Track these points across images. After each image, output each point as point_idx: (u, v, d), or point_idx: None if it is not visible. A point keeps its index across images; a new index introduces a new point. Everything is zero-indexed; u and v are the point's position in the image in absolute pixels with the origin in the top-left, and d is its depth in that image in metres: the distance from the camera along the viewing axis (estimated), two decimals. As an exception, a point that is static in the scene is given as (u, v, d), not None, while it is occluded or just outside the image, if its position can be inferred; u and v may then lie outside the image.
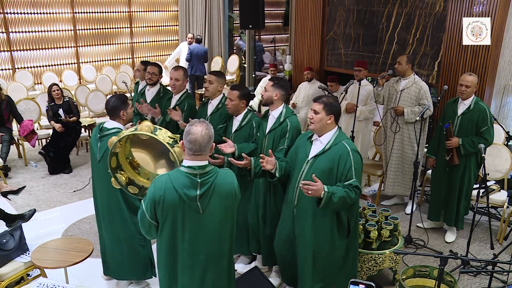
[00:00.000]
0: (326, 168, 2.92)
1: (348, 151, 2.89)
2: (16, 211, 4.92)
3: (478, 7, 5.30)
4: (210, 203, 2.33)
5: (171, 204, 2.30)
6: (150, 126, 2.98)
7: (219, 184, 2.35)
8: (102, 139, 3.27)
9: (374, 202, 4.75)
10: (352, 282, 2.64)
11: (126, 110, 3.32)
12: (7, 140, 5.99)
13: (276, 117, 3.49)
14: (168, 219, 2.33)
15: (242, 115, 3.76)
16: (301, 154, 3.09)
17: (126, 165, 3.20)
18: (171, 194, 2.29)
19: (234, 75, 10.45)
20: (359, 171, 2.91)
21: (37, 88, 9.04)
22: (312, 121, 2.96)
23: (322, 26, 7.15)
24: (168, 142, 2.88)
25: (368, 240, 3.63)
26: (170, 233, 2.36)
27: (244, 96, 3.71)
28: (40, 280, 3.01)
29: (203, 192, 2.31)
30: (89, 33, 9.78)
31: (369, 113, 5.42)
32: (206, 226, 2.36)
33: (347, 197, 2.79)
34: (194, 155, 2.32)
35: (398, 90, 4.83)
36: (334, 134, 2.98)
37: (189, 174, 2.31)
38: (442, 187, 4.52)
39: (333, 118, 2.96)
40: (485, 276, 3.94)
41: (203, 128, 2.31)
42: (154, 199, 2.32)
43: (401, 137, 4.87)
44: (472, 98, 4.26)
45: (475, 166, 4.36)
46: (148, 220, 2.37)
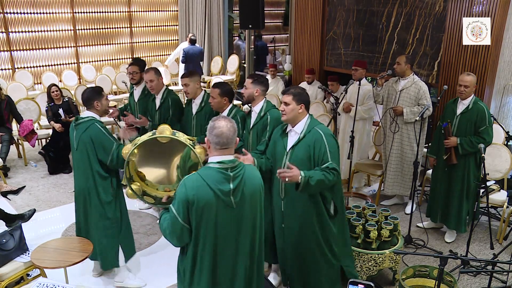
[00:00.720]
0: (304, 157, 3.01)
1: (322, 136, 2.99)
2: (16, 211, 4.91)
3: (478, 7, 5.30)
4: (242, 197, 2.33)
5: (206, 202, 2.26)
6: (170, 129, 3.03)
7: (248, 177, 2.36)
8: (77, 127, 3.47)
9: (374, 202, 4.75)
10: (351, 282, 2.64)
11: (100, 101, 3.53)
12: (7, 140, 5.99)
13: (258, 112, 3.60)
14: (203, 218, 2.28)
15: (226, 111, 3.91)
16: (279, 147, 3.17)
17: (135, 176, 3.25)
18: (205, 191, 2.26)
19: (234, 75, 10.44)
20: (334, 153, 2.99)
21: (37, 88, 9.03)
22: (284, 112, 3.05)
23: (322, 26, 7.15)
24: (190, 143, 2.93)
25: (368, 240, 3.63)
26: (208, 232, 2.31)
27: (225, 93, 3.88)
28: (40, 280, 3.00)
29: (236, 186, 2.30)
30: (89, 33, 9.78)
31: (364, 113, 5.39)
32: (240, 220, 2.35)
33: (325, 179, 2.88)
34: (222, 149, 2.32)
35: (397, 90, 4.83)
36: (306, 122, 3.07)
37: (221, 169, 2.29)
38: (441, 188, 4.52)
39: (304, 107, 3.06)
40: (485, 276, 3.94)
41: (227, 122, 2.33)
42: (187, 199, 2.25)
43: (400, 137, 4.87)
44: (471, 98, 4.27)
45: (474, 167, 4.34)
46: (180, 223, 2.28)
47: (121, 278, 3.77)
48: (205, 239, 2.32)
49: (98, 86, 3.71)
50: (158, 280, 3.86)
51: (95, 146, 3.39)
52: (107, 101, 3.58)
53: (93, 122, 3.43)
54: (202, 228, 2.30)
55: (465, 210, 4.40)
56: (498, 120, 5.50)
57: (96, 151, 3.40)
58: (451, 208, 4.45)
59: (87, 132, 3.40)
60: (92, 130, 3.39)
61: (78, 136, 3.43)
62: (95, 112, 3.52)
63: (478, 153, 4.25)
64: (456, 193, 4.40)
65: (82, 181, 3.51)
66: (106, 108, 3.59)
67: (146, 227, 4.74)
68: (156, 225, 4.78)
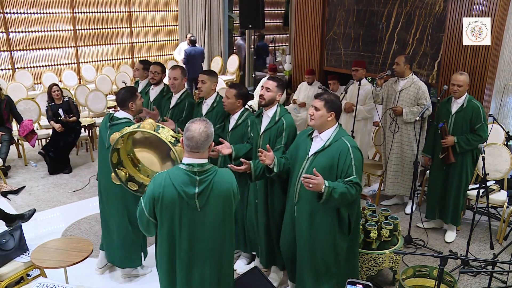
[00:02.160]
0: (326, 165, 2.91)
1: (348, 148, 2.88)
2: (16, 211, 4.91)
3: (478, 7, 5.30)
4: (208, 202, 2.34)
5: (170, 201, 2.32)
6: (153, 124, 3.01)
7: (217, 182, 2.36)
8: (112, 127, 3.45)
9: (374, 202, 4.75)
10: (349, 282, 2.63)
11: (135, 102, 3.53)
12: (7, 140, 5.99)
13: (271, 117, 3.48)
14: (166, 216, 2.35)
15: (238, 114, 3.79)
16: (302, 151, 3.08)
17: (127, 161, 3.26)
18: (170, 191, 2.31)
19: (234, 75, 10.45)
20: (359, 168, 2.90)
21: (37, 88, 9.03)
22: (313, 117, 2.96)
23: (322, 26, 7.15)
24: (170, 140, 2.90)
25: (368, 240, 3.63)
26: (168, 231, 2.38)
27: (241, 95, 3.74)
28: (40, 280, 3.01)
29: (202, 190, 2.32)
30: (89, 33, 9.78)
31: (367, 113, 5.42)
32: (204, 224, 2.37)
33: (347, 193, 2.78)
34: (191, 152, 2.34)
35: (397, 90, 4.83)
36: (334, 131, 2.98)
37: (188, 172, 2.32)
38: (438, 186, 4.55)
39: (334, 115, 2.96)
40: (485, 276, 3.94)
41: (202, 126, 2.33)
42: (153, 196, 2.34)
43: (400, 137, 4.87)
44: (465, 96, 4.31)
45: (471, 163, 4.40)
46: (146, 217, 2.39)
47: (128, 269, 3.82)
48: (167, 236, 2.39)
49: (132, 87, 3.74)
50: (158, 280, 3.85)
51: None
52: (140, 101, 3.59)
53: (128, 124, 3.37)
54: (164, 225, 2.37)
55: (461, 205, 4.47)
56: (498, 120, 5.50)
57: None
58: (448, 204, 4.49)
59: None
60: None
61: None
62: (130, 112, 3.53)
63: (475, 150, 4.31)
64: (453, 189, 4.45)
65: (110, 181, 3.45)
66: (140, 108, 3.61)
67: (146, 227, 4.74)
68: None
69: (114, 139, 3.08)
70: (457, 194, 4.45)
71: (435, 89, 6.93)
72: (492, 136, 5.08)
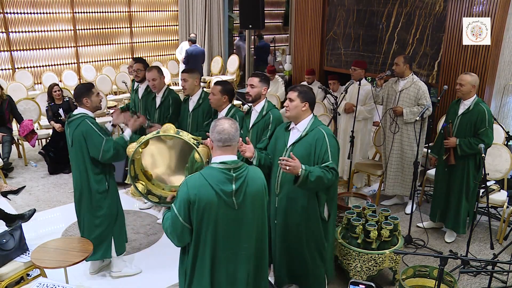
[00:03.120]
0: (305, 154, 3.02)
1: (324, 135, 3.00)
2: (16, 211, 4.91)
3: (478, 7, 5.30)
4: (245, 199, 2.31)
5: (208, 202, 2.24)
6: (173, 128, 3.05)
7: (251, 179, 2.34)
8: (70, 124, 3.51)
9: (374, 202, 4.75)
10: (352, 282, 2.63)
11: (90, 98, 3.52)
12: (8, 140, 6.01)
13: (259, 111, 3.59)
14: (204, 218, 2.26)
15: (225, 110, 3.88)
16: (280, 143, 3.19)
17: (141, 175, 3.31)
18: (206, 191, 2.24)
19: (234, 75, 10.45)
20: (335, 154, 3.00)
21: (37, 88, 9.03)
22: (288, 108, 3.08)
23: (322, 26, 7.15)
24: (193, 142, 2.95)
25: (368, 240, 3.63)
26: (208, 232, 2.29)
27: (226, 91, 3.84)
28: (40, 280, 3.00)
29: (238, 187, 2.29)
30: (89, 33, 9.78)
31: (368, 113, 5.42)
32: (241, 222, 2.33)
33: (324, 177, 2.88)
34: (224, 147, 2.30)
35: (397, 90, 4.83)
36: (310, 121, 3.10)
37: (223, 170, 2.28)
38: (442, 188, 4.52)
39: (308, 105, 3.07)
40: (485, 276, 3.94)
41: (230, 121, 2.34)
42: (188, 199, 2.24)
43: (400, 137, 4.87)
44: (473, 98, 4.24)
45: (473, 168, 4.32)
46: (181, 223, 2.27)
47: (118, 268, 3.84)
48: (206, 239, 2.30)
49: (89, 83, 3.74)
50: (158, 280, 3.86)
51: (87, 142, 3.44)
52: (97, 98, 3.57)
53: (83, 119, 3.46)
54: (203, 228, 2.28)
55: (464, 211, 4.39)
56: (498, 120, 5.50)
57: (87, 147, 3.45)
58: (450, 208, 4.46)
59: (78, 128, 3.44)
60: (82, 126, 3.43)
61: (71, 133, 3.49)
62: (86, 108, 3.54)
63: (478, 155, 4.24)
64: (455, 194, 4.40)
65: (78, 177, 3.57)
66: (97, 104, 3.59)
67: (146, 227, 4.74)
68: (156, 225, 4.78)
69: (131, 149, 3.13)
70: (458, 200, 4.39)
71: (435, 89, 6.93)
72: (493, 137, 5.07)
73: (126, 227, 3.90)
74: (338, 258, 3.79)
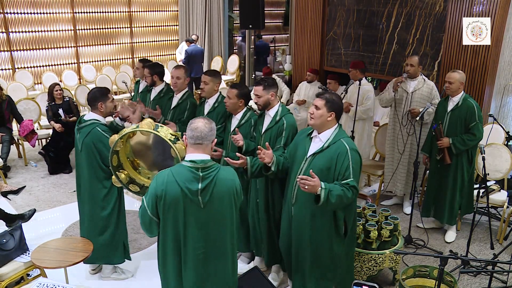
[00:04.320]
0: (324, 167, 2.88)
1: (347, 150, 2.84)
2: (16, 211, 4.91)
3: (478, 7, 5.30)
4: (211, 198, 2.34)
5: (173, 198, 2.31)
6: (151, 123, 3.01)
7: (220, 179, 2.35)
8: (80, 130, 3.45)
9: (374, 202, 4.75)
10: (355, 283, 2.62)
11: (105, 103, 3.46)
12: (7, 141, 6.00)
13: (272, 116, 3.47)
14: (170, 214, 2.34)
15: (241, 114, 3.77)
16: (300, 151, 3.05)
17: (126, 164, 3.26)
18: (173, 188, 2.31)
19: (234, 75, 10.45)
20: (357, 170, 2.86)
21: (37, 88, 9.03)
22: (313, 116, 2.92)
23: (322, 26, 7.16)
24: (170, 138, 2.91)
25: (368, 240, 3.63)
26: (173, 229, 2.37)
27: (242, 95, 3.72)
28: (40, 280, 3.01)
29: (205, 186, 2.31)
30: (89, 33, 9.78)
31: (363, 114, 5.34)
32: (208, 221, 2.37)
33: (343, 196, 2.74)
34: (195, 145, 2.34)
35: (409, 91, 4.74)
36: (334, 131, 2.93)
37: (191, 168, 2.32)
38: (434, 185, 4.55)
39: (334, 115, 2.91)
40: (485, 276, 3.94)
41: (205, 120, 2.39)
42: (156, 194, 2.32)
43: (412, 138, 4.82)
44: (461, 95, 4.28)
45: (467, 162, 4.36)
46: (149, 216, 2.37)
47: (108, 272, 3.82)
48: (171, 235, 2.38)
49: (105, 87, 3.66)
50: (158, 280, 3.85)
51: (98, 151, 3.39)
52: (112, 103, 3.51)
53: (94, 127, 3.40)
54: (168, 223, 2.37)
55: (456, 205, 4.44)
56: (498, 120, 5.50)
57: (99, 155, 3.41)
58: (443, 203, 4.48)
59: (89, 136, 3.39)
60: (94, 135, 3.38)
61: (81, 139, 3.43)
62: (99, 113, 3.47)
63: (470, 149, 4.30)
64: (449, 189, 4.43)
65: (85, 182, 3.53)
66: (111, 110, 3.53)
67: (146, 227, 4.73)
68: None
69: (113, 141, 3.08)
70: (452, 194, 4.42)
71: (435, 89, 6.92)
72: (492, 136, 5.08)
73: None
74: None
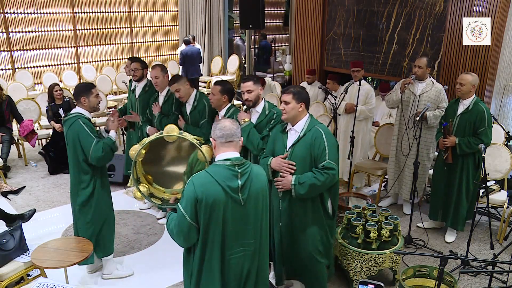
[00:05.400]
0: (305, 154, 3.03)
1: (322, 134, 3.01)
2: (16, 211, 4.91)
3: (478, 7, 5.30)
4: (250, 195, 2.34)
5: (215, 199, 2.24)
6: (177, 129, 3.10)
7: (255, 175, 2.37)
8: (65, 122, 3.50)
9: (374, 202, 4.75)
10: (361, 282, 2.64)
11: (88, 98, 3.50)
12: (7, 140, 6.00)
13: (261, 112, 3.64)
14: (213, 215, 2.26)
15: (224, 110, 3.92)
16: (279, 146, 3.18)
17: (143, 178, 3.33)
18: (214, 188, 2.25)
19: (234, 75, 10.45)
20: (333, 152, 3.01)
21: (37, 88, 9.03)
22: (285, 111, 3.06)
23: (322, 26, 7.16)
24: (197, 142, 2.99)
25: (368, 240, 3.63)
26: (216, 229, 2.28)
27: (225, 91, 3.87)
28: (40, 280, 3.00)
29: (244, 182, 2.31)
30: (89, 33, 9.78)
31: (369, 112, 5.40)
32: (247, 219, 2.35)
33: (317, 182, 2.93)
34: (227, 143, 2.34)
35: (416, 94, 4.69)
36: (307, 121, 3.09)
37: (229, 166, 2.31)
38: (441, 187, 4.53)
39: (304, 105, 3.06)
40: (485, 276, 3.94)
41: (230, 120, 2.42)
42: (195, 197, 2.24)
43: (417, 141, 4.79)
44: (472, 98, 4.24)
45: (473, 167, 4.32)
46: (188, 222, 2.26)
47: (109, 270, 3.82)
48: (214, 237, 2.30)
49: (90, 83, 3.73)
50: (159, 280, 3.86)
51: (79, 142, 3.41)
52: (96, 99, 3.54)
53: (77, 119, 3.43)
54: (212, 226, 2.28)
55: (463, 209, 4.41)
56: (498, 120, 5.50)
57: (80, 147, 3.41)
58: (450, 206, 4.47)
59: (71, 128, 3.43)
60: (75, 126, 3.42)
61: (66, 132, 3.49)
62: (83, 108, 3.51)
63: (477, 153, 4.26)
64: (454, 193, 4.41)
65: (72, 177, 3.57)
66: (95, 105, 3.56)
67: (146, 227, 4.74)
68: (157, 225, 4.78)
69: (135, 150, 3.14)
70: (458, 199, 4.40)
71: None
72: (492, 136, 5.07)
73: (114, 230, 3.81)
74: (338, 258, 3.79)
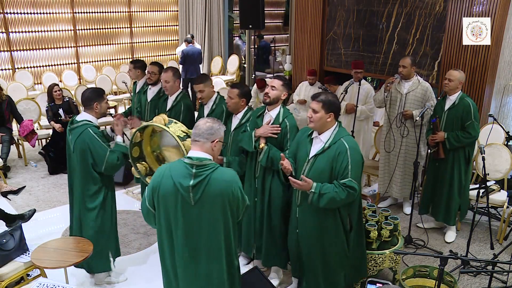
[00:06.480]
0: (326, 168, 2.91)
1: (347, 149, 2.86)
2: (16, 211, 4.92)
3: (478, 7, 5.29)
4: (203, 197, 2.33)
5: (166, 192, 2.37)
6: (164, 118, 3.09)
7: (215, 179, 2.34)
8: (72, 131, 3.41)
9: (374, 202, 4.75)
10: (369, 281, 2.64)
11: (100, 104, 3.45)
12: (7, 141, 6.01)
13: (275, 117, 3.46)
14: (162, 207, 2.39)
15: (242, 113, 3.77)
16: (302, 152, 3.07)
17: (150, 157, 3.44)
18: (167, 182, 2.37)
19: (234, 75, 10.45)
20: (356, 170, 2.87)
21: (37, 88, 9.04)
22: (312, 119, 2.93)
23: (322, 26, 7.15)
24: (179, 135, 2.99)
25: (368, 240, 3.63)
26: (164, 222, 2.42)
27: (244, 94, 3.72)
28: (40, 280, 3.00)
29: (196, 183, 2.32)
30: (89, 33, 9.79)
31: (370, 112, 5.41)
32: (199, 220, 2.37)
33: (336, 197, 2.81)
34: (194, 142, 2.41)
35: (403, 93, 4.73)
36: (334, 131, 2.95)
37: (186, 164, 2.36)
38: (431, 182, 4.57)
39: (333, 116, 2.93)
40: (485, 276, 3.94)
41: (209, 119, 2.44)
42: (153, 185, 2.41)
43: (406, 140, 4.82)
44: (458, 93, 4.31)
45: (464, 162, 4.37)
46: (146, 206, 2.46)
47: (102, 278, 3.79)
48: (164, 228, 2.43)
49: (100, 88, 3.66)
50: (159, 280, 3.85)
51: (91, 152, 3.35)
52: (106, 104, 3.53)
53: (86, 128, 3.35)
54: (162, 216, 2.42)
55: (455, 204, 4.44)
56: (498, 120, 5.50)
57: (91, 157, 3.37)
58: (441, 201, 4.49)
59: (81, 137, 3.34)
60: (85, 136, 3.33)
61: (73, 140, 3.39)
62: (93, 114, 3.44)
63: (467, 148, 4.33)
64: (445, 187, 4.44)
65: (78, 184, 3.49)
66: (105, 111, 3.53)
67: (146, 227, 4.74)
68: (156, 225, 4.78)
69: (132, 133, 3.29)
70: (449, 193, 4.43)
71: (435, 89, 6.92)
72: (492, 136, 5.08)
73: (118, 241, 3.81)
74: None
